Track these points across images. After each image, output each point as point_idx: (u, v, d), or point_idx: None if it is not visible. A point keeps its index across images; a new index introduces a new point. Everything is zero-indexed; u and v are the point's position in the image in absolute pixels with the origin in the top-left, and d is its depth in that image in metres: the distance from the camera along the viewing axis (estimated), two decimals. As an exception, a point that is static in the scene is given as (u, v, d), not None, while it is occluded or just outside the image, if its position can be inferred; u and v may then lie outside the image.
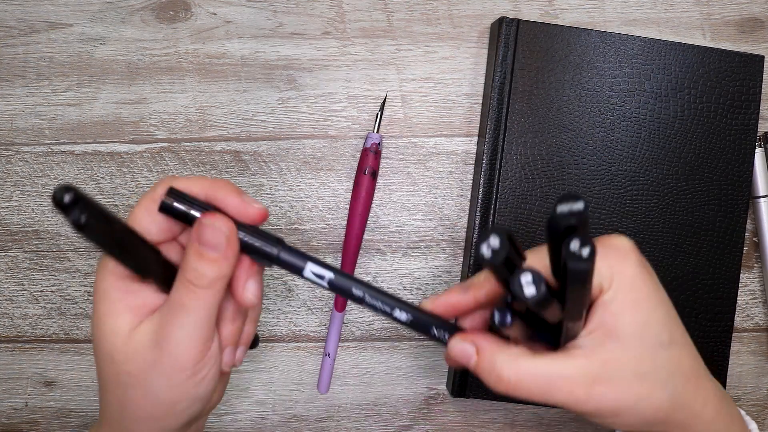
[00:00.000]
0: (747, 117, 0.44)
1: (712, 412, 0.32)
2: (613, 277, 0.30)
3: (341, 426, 0.47)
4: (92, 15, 0.46)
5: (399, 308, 0.31)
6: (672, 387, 0.30)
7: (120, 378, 0.30)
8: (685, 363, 0.31)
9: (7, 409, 0.46)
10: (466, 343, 0.31)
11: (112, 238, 0.27)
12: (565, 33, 0.44)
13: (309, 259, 0.30)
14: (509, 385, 0.30)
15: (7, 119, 0.46)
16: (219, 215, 0.29)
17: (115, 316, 0.30)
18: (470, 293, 0.32)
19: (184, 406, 0.31)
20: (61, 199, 0.23)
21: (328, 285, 0.31)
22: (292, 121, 0.46)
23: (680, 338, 0.31)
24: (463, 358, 0.31)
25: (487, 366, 0.30)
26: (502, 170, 0.44)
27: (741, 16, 0.47)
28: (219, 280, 0.29)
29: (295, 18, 0.46)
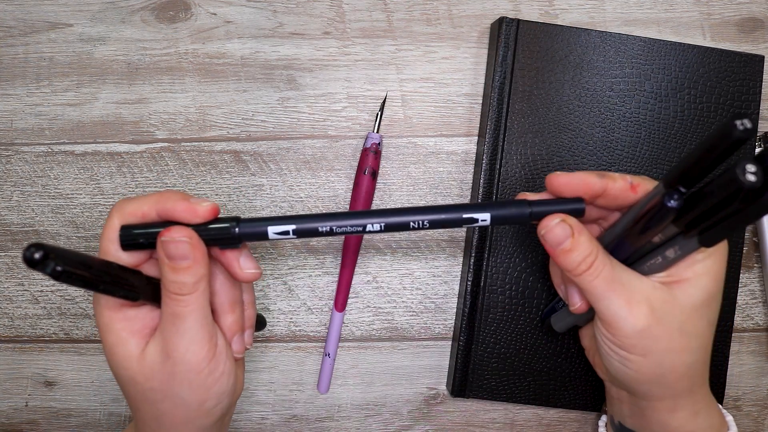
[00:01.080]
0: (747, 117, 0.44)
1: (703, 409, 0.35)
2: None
3: (341, 426, 0.47)
4: (92, 15, 0.46)
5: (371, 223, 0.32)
6: (695, 358, 0.33)
7: (147, 396, 0.32)
8: (709, 347, 0.34)
9: (7, 409, 0.46)
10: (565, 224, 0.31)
11: (92, 277, 0.28)
12: (565, 33, 0.44)
13: (268, 221, 0.32)
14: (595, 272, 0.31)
15: (7, 119, 0.46)
16: (174, 228, 0.30)
17: (124, 344, 0.32)
18: (604, 181, 0.32)
19: (213, 403, 0.33)
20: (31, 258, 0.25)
21: (296, 235, 0.32)
22: (292, 121, 0.46)
23: (714, 327, 0.34)
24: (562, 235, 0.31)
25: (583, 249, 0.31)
26: (502, 170, 0.44)
27: (741, 16, 0.47)
28: (199, 282, 0.31)
29: (295, 18, 0.46)
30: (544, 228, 0.32)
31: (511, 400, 0.44)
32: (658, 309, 0.32)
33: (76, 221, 0.46)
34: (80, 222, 0.46)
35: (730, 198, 0.27)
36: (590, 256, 0.31)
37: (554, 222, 0.31)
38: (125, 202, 0.32)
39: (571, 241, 0.31)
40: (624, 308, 0.31)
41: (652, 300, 0.32)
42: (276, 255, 0.46)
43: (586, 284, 0.32)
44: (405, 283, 0.46)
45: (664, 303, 0.32)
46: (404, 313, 0.46)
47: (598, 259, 0.31)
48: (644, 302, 0.31)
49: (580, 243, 0.31)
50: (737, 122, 0.26)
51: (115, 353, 0.32)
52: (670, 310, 0.32)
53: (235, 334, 0.34)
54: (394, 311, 0.46)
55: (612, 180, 0.32)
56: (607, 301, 0.32)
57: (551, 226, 0.31)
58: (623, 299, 0.31)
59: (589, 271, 0.31)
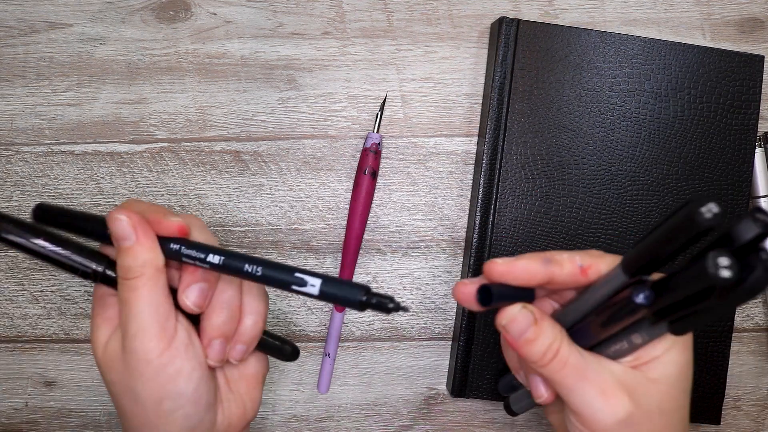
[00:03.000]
0: (747, 117, 0.44)
1: None
2: None
3: (341, 426, 0.47)
4: (92, 15, 0.46)
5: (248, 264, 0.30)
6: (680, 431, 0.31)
7: (111, 388, 0.31)
8: (688, 415, 0.32)
9: (7, 409, 0.46)
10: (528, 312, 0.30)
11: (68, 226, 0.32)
12: (565, 33, 0.44)
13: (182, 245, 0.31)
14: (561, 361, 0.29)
15: (7, 119, 0.46)
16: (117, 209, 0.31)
17: (96, 331, 0.32)
18: (550, 268, 0.30)
19: (171, 406, 0.30)
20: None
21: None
22: (292, 121, 0.46)
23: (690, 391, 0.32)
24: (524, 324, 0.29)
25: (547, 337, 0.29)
26: (502, 170, 0.44)
27: (741, 16, 0.47)
28: (146, 266, 0.30)
29: (295, 18, 0.46)
30: (505, 318, 0.30)
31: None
32: (635, 393, 0.29)
33: (76, 221, 0.46)
34: (80, 222, 0.46)
35: (703, 293, 0.24)
36: (555, 343, 0.29)
37: (516, 309, 0.29)
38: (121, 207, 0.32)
39: (534, 330, 0.29)
40: (599, 399, 0.29)
41: (627, 385, 0.29)
42: (276, 255, 0.46)
43: (553, 375, 0.29)
44: (405, 283, 0.46)
45: (639, 386, 0.30)
46: (404, 313, 0.46)
47: (564, 347, 0.29)
48: (620, 389, 0.29)
49: (543, 330, 0.29)
50: (702, 209, 0.23)
51: (92, 339, 0.32)
52: (647, 392, 0.30)
53: (215, 339, 0.31)
54: (394, 311, 0.46)
55: (558, 266, 0.30)
56: (580, 392, 0.29)
57: (514, 314, 0.29)
58: (597, 389, 0.29)
59: (555, 360, 0.29)
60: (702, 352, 0.44)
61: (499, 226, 0.44)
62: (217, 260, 0.30)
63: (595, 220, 0.44)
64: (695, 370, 0.44)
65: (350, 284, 0.29)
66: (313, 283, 0.29)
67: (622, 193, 0.44)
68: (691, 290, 0.25)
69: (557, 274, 0.30)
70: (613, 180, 0.44)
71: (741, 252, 0.24)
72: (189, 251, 0.30)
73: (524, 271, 0.30)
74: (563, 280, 0.30)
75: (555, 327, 0.30)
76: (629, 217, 0.44)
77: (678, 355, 0.30)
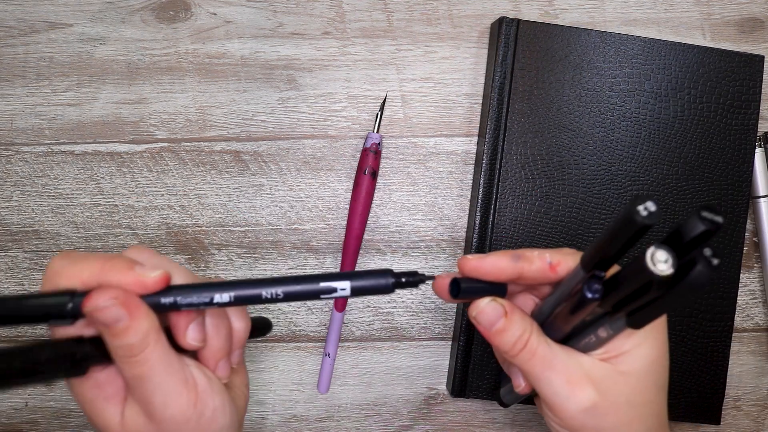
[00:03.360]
0: (747, 117, 0.44)
1: None
2: None
3: (341, 426, 0.47)
4: (92, 15, 0.46)
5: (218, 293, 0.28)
6: (647, 426, 0.32)
7: None
8: (663, 411, 0.33)
9: (7, 409, 0.46)
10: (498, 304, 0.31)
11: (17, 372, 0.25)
12: (565, 33, 0.44)
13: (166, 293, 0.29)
14: (530, 351, 0.30)
15: (7, 119, 0.46)
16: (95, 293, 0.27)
17: (101, 413, 0.29)
18: (519, 264, 0.31)
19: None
20: None
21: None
22: (292, 121, 0.46)
23: (666, 388, 0.33)
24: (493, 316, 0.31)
25: (517, 329, 0.31)
26: (502, 170, 0.44)
27: (741, 16, 0.47)
28: (148, 335, 0.28)
29: (295, 18, 0.46)
30: (475, 309, 0.31)
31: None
32: (602, 385, 0.31)
33: (76, 221, 0.46)
34: (80, 222, 0.46)
35: (645, 287, 0.26)
36: (525, 334, 0.30)
37: (485, 302, 0.31)
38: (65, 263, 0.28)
39: (503, 321, 0.30)
40: (565, 388, 0.30)
41: (593, 377, 0.31)
42: (276, 255, 0.46)
43: (523, 365, 0.31)
44: (405, 283, 0.46)
45: (607, 378, 0.31)
46: (404, 313, 0.46)
47: (533, 338, 0.31)
48: (586, 380, 0.30)
49: (513, 322, 0.30)
50: (639, 207, 0.24)
51: (96, 424, 0.29)
52: (614, 384, 0.31)
53: (221, 360, 0.31)
54: (394, 311, 0.46)
55: (528, 262, 0.31)
56: (547, 381, 0.31)
57: (482, 306, 0.31)
58: (563, 379, 0.30)
59: (524, 350, 0.31)
60: (702, 352, 0.44)
61: (499, 226, 0.44)
62: (227, 298, 0.28)
63: (595, 220, 0.44)
64: (695, 370, 0.44)
65: (375, 273, 0.29)
66: (342, 286, 0.29)
67: (622, 193, 0.44)
68: (635, 284, 0.26)
69: (526, 269, 0.31)
70: (613, 180, 0.44)
71: (688, 248, 0.25)
72: (189, 299, 0.28)
73: (493, 266, 0.31)
74: (533, 275, 0.31)
75: (525, 320, 0.31)
76: (629, 217, 0.44)
77: (649, 350, 0.31)
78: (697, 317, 0.44)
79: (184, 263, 0.46)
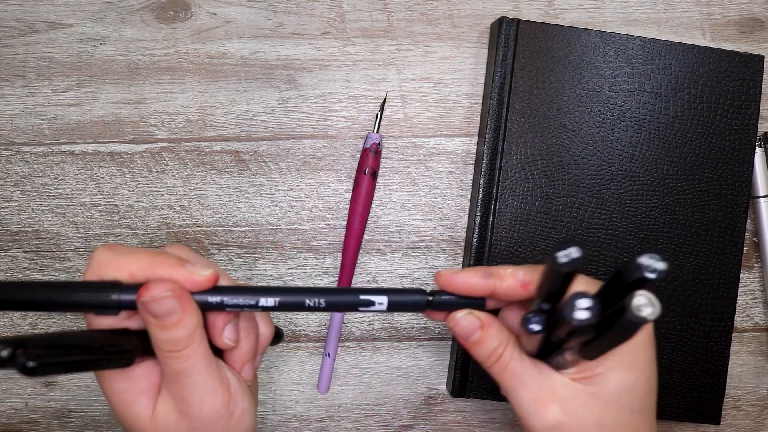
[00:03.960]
0: (747, 117, 0.44)
1: None
2: None
3: (341, 426, 0.47)
4: (92, 15, 0.46)
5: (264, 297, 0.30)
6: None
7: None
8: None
9: (7, 409, 0.46)
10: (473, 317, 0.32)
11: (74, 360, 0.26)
12: (565, 33, 0.44)
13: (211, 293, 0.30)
14: (502, 365, 0.31)
15: (7, 119, 0.46)
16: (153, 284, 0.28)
17: (132, 407, 0.30)
18: (491, 282, 0.32)
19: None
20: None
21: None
22: (292, 121, 0.46)
23: (649, 410, 0.33)
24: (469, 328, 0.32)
25: (493, 342, 0.31)
26: (502, 170, 0.44)
27: (741, 16, 0.47)
28: (194, 332, 0.28)
29: (295, 18, 0.46)
30: (452, 321, 0.32)
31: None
32: (569, 405, 0.31)
33: (76, 221, 0.46)
34: (80, 222, 0.46)
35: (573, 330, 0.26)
36: (499, 348, 0.31)
37: (461, 315, 0.32)
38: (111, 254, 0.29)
39: (480, 333, 0.31)
40: (531, 405, 0.31)
41: (561, 396, 0.31)
42: (276, 255, 0.46)
43: (496, 376, 0.32)
44: (405, 283, 0.46)
45: (576, 398, 0.31)
46: (404, 312, 0.46)
47: (507, 352, 0.31)
48: (552, 399, 0.31)
49: (489, 335, 0.31)
50: (559, 254, 0.25)
51: (125, 417, 0.30)
52: (583, 405, 0.31)
53: (247, 362, 0.32)
54: (394, 311, 0.46)
55: (500, 280, 0.32)
56: (516, 395, 0.31)
57: (458, 318, 0.32)
58: (531, 396, 0.31)
59: (497, 363, 0.31)
60: (702, 352, 0.44)
61: (499, 226, 0.44)
62: (272, 303, 0.30)
63: (595, 220, 0.44)
64: (695, 370, 0.44)
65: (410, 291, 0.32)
66: (380, 301, 0.31)
67: (622, 193, 0.44)
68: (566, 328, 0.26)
69: (498, 287, 0.32)
70: (613, 180, 0.44)
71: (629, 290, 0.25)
72: (235, 300, 0.29)
73: (464, 283, 0.32)
74: (504, 293, 0.32)
75: (502, 333, 0.32)
76: (629, 217, 0.44)
77: (622, 374, 0.31)
78: (697, 317, 0.44)
79: (184, 263, 0.46)
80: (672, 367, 0.44)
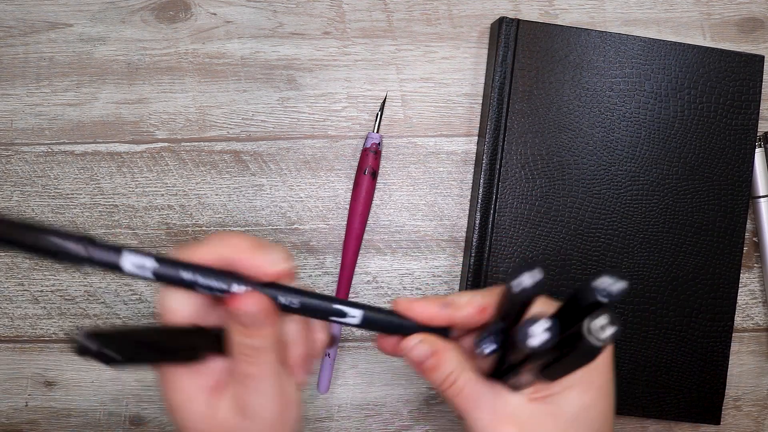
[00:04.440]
0: (747, 117, 0.44)
1: None
2: None
3: (341, 426, 0.47)
4: (92, 15, 0.46)
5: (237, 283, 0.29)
6: None
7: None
8: None
9: (7, 409, 0.46)
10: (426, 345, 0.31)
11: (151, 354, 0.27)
12: (565, 33, 0.44)
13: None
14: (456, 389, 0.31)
15: (7, 119, 0.46)
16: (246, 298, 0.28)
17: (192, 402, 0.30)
18: (448, 311, 0.32)
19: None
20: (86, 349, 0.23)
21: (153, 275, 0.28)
22: (292, 121, 0.46)
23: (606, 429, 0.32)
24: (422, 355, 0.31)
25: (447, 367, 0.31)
26: (502, 170, 0.44)
27: (741, 16, 0.47)
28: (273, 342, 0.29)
29: (295, 18, 0.46)
30: (405, 348, 0.31)
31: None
32: (527, 425, 0.31)
33: (76, 221, 0.46)
34: (80, 222, 0.46)
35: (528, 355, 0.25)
36: (453, 374, 0.31)
37: (413, 342, 0.31)
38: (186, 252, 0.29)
39: (433, 360, 0.31)
40: (487, 427, 0.31)
41: (518, 417, 0.31)
42: (276, 255, 0.46)
43: (451, 399, 0.31)
44: (405, 283, 0.46)
45: (533, 419, 0.31)
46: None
47: (462, 377, 0.31)
48: (509, 421, 0.31)
49: (444, 361, 0.31)
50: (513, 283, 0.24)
51: (182, 410, 0.30)
52: (541, 426, 0.31)
53: (302, 366, 0.32)
54: (394, 311, 0.46)
55: (456, 309, 0.31)
56: (471, 419, 0.31)
57: (410, 346, 0.31)
58: (487, 418, 0.31)
59: (452, 388, 0.31)
60: (702, 352, 0.44)
61: (499, 226, 0.44)
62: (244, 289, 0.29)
63: (595, 220, 0.44)
64: (695, 370, 0.44)
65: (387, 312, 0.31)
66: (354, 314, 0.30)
67: (622, 193, 0.44)
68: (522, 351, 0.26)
69: (456, 316, 0.31)
70: (613, 180, 0.44)
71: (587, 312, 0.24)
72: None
73: (422, 313, 0.32)
74: (463, 322, 0.31)
75: (455, 360, 0.31)
76: (629, 217, 0.44)
77: (580, 394, 0.31)
78: (697, 317, 0.44)
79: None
80: (672, 367, 0.44)
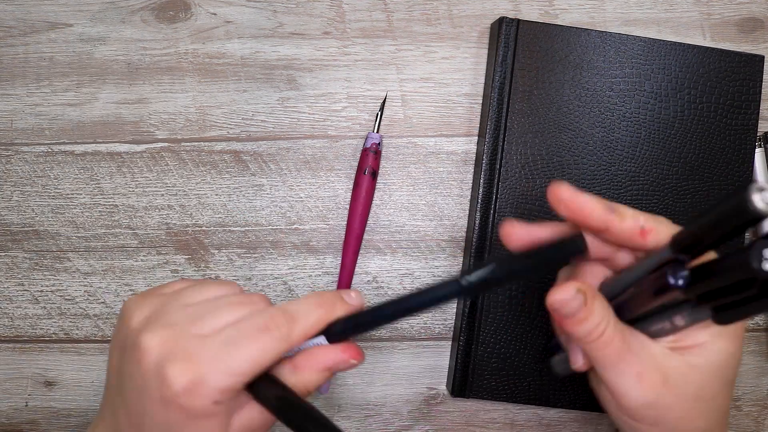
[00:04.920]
0: (747, 117, 0.44)
1: None
2: None
3: (341, 426, 0.47)
4: (92, 15, 0.46)
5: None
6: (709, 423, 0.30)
7: None
8: (726, 406, 0.31)
9: (7, 409, 0.46)
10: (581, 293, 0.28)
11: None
12: (565, 33, 0.44)
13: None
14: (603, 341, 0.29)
15: (7, 119, 0.46)
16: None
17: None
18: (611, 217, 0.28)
19: None
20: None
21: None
22: (292, 121, 0.46)
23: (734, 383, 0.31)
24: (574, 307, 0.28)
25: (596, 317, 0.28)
26: (502, 170, 0.44)
27: (741, 16, 0.47)
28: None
29: (295, 18, 0.46)
30: (557, 302, 0.28)
31: (511, 400, 0.44)
32: (671, 378, 0.29)
33: (76, 221, 0.46)
34: (80, 222, 0.46)
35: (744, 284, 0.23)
36: (602, 324, 0.28)
37: (570, 294, 0.28)
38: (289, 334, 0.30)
39: (583, 311, 0.28)
40: (634, 379, 0.29)
41: (664, 369, 0.29)
42: (276, 255, 0.46)
43: (595, 353, 0.29)
44: (405, 283, 0.46)
45: (677, 370, 0.29)
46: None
47: (610, 328, 0.28)
48: (656, 373, 0.29)
49: (593, 312, 0.28)
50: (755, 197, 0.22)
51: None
52: (685, 378, 0.29)
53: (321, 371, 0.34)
54: (394, 311, 0.46)
55: (620, 218, 0.28)
56: (617, 371, 0.29)
57: (566, 299, 0.28)
58: (634, 371, 0.29)
59: (599, 340, 0.28)
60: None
61: (499, 226, 0.44)
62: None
63: (595, 220, 0.44)
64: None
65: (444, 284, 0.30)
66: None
67: (622, 193, 0.44)
68: (731, 279, 0.23)
69: (615, 225, 0.28)
70: (613, 180, 0.44)
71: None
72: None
73: (583, 206, 0.28)
74: (618, 234, 0.28)
75: (604, 308, 0.29)
76: (629, 217, 0.44)
77: (725, 344, 0.29)
78: (697, 317, 0.44)
79: (184, 263, 0.46)
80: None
